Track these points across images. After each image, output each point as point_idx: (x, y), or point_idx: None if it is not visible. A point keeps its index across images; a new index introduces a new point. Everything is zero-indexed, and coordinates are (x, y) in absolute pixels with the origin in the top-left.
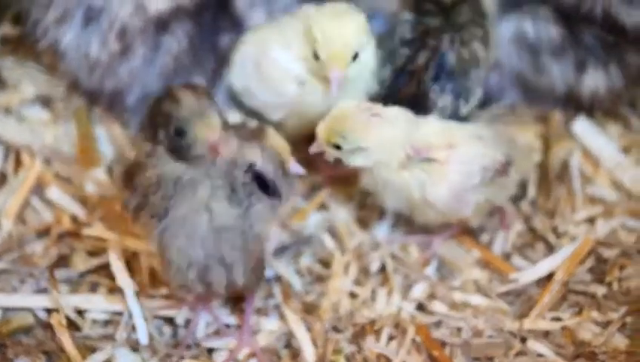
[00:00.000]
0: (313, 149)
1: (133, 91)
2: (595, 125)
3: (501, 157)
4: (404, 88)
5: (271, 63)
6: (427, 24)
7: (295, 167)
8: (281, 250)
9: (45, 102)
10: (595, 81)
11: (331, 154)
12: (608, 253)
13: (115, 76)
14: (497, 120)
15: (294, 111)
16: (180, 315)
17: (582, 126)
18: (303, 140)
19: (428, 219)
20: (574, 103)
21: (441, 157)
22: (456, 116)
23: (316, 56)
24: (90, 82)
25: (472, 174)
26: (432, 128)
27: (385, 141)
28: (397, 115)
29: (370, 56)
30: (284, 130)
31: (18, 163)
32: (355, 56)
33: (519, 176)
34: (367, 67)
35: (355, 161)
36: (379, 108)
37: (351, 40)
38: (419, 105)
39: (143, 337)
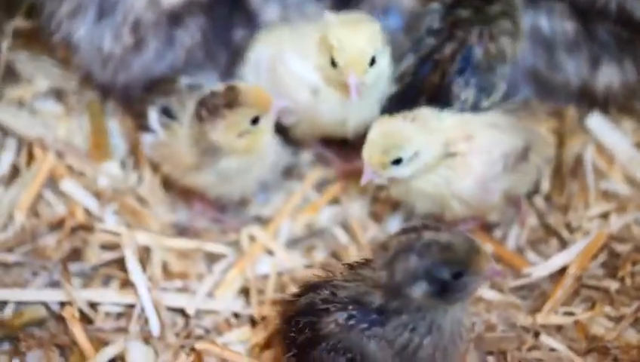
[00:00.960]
0: (365, 180)
1: (146, 85)
2: (609, 120)
3: (520, 142)
4: (429, 77)
5: (286, 70)
6: (457, 15)
7: (280, 102)
8: (293, 244)
9: (58, 95)
10: (609, 76)
11: (385, 174)
12: (621, 248)
13: (127, 70)
14: (511, 115)
15: (306, 118)
16: (191, 306)
17: (596, 121)
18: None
19: (456, 213)
20: (588, 99)
21: (462, 150)
22: (476, 109)
23: (333, 64)
24: (103, 76)
25: (495, 162)
26: (449, 121)
27: (431, 142)
28: (427, 114)
29: (385, 63)
30: (294, 133)
31: (31, 156)
32: (373, 62)
33: (539, 160)
34: (383, 74)
35: (406, 172)
36: (408, 114)
37: (367, 46)
38: (441, 96)
39: (155, 329)
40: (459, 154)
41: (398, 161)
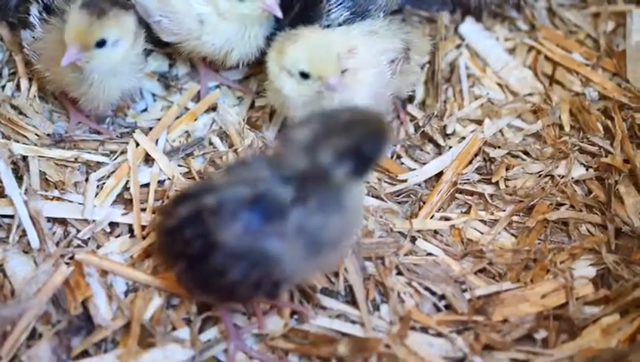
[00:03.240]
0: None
1: None
2: (482, 27)
3: (400, 44)
4: None
5: None
6: None
7: None
8: (172, 153)
9: None
10: None
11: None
12: (495, 153)
13: None
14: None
15: (191, 44)
16: (70, 216)
17: (469, 28)
18: None
19: None
20: (462, 6)
21: (352, 66)
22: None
23: None
24: None
25: (383, 72)
26: (333, 36)
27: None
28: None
29: None
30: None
31: None
32: None
33: (419, 59)
34: None
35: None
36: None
37: None
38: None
39: (33, 240)
40: (348, 70)
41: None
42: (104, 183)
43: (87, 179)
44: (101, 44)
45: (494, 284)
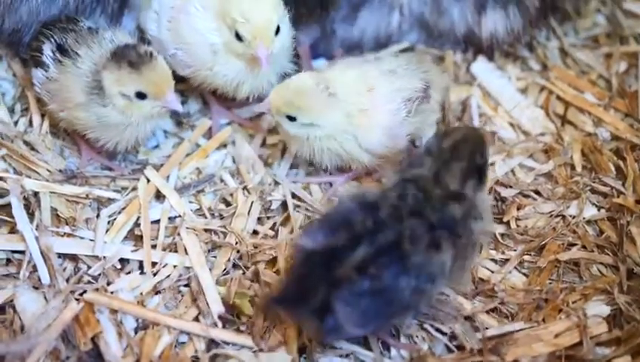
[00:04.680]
0: (258, 110)
1: (33, 30)
2: (494, 66)
3: (419, 83)
4: None
5: (189, 26)
6: None
7: (173, 102)
8: (183, 190)
9: None
10: (494, 22)
11: (278, 120)
12: (506, 193)
13: (15, 15)
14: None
15: (202, 75)
16: (81, 252)
17: (481, 67)
18: None
19: (364, 164)
20: (474, 45)
21: (365, 106)
22: None
23: (238, 37)
24: None
25: (398, 110)
26: (350, 76)
27: (336, 118)
28: (346, 85)
29: (287, 29)
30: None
31: None
32: (277, 30)
33: (440, 95)
34: (287, 41)
35: (293, 131)
36: (333, 83)
37: (272, 14)
38: None
39: (44, 276)
40: (362, 110)
41: (291, 118)
42: (115, 219)
43: (98, 216)
44: None
45: (507, 324)
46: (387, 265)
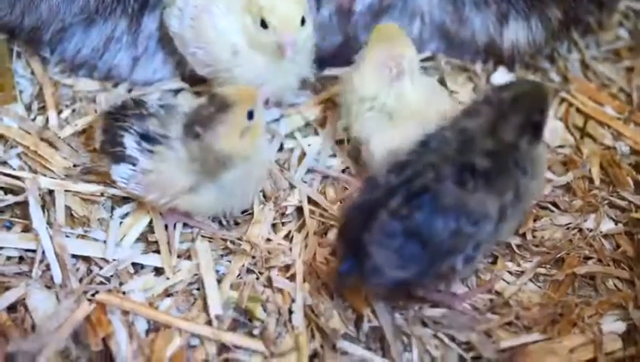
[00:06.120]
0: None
1: (53, 28)
2: (515, 78)
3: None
4: None
5: (211, 24)
6: None
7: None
8: None
9: None
10: (515, 33)
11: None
12: None
13: (35, 12)
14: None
15: (223, 76)
16: (94, 253)
17: (502, 78)
18: None
19: None
20: (495, 55)
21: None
22: None
23: (263, 25)
24: (10, 17)
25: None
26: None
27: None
28: None
29: (311, 27)
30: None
31: None
32: (303, 21)
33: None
34: (309, 41)
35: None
36: None
37: (297, 4)
38: None
39: (56, 276)
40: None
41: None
42: (128, 220)
43: (111, 216)
44: None
45: (522, 336)
46: (419, 206)
